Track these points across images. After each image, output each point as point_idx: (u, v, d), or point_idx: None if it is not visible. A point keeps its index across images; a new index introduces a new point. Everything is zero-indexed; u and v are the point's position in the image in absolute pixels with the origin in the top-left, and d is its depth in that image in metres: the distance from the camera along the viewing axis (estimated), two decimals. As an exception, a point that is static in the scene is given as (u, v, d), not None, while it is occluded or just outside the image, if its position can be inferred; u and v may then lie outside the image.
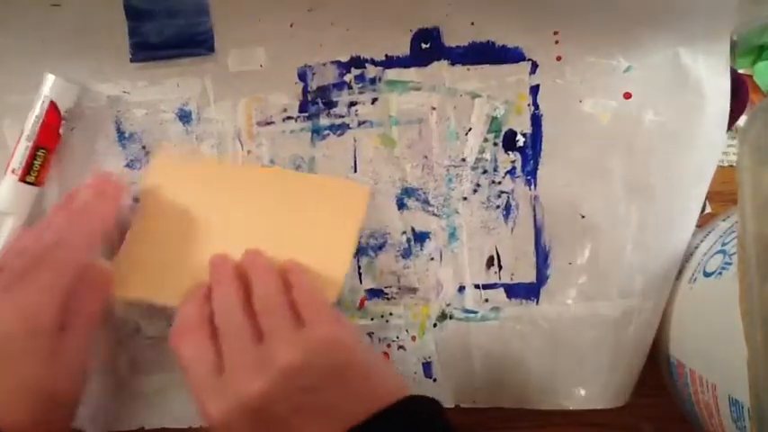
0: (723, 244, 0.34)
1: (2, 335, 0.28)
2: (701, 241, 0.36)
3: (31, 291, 0.29)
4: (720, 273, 0.32)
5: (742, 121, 0.38)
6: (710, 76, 0.36)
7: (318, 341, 0.28)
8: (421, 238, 0.38)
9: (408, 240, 0.38)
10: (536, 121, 0.37)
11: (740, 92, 0.37)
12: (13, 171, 0.36)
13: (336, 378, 0.28)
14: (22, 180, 0.36)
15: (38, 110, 0.35)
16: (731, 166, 0.39)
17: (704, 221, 0.38)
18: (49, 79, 0.36)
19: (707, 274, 0.34)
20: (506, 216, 0.38)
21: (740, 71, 0.39)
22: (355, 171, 0.38)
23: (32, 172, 0.36)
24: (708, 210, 0.40)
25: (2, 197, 0.36)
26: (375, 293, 0.39)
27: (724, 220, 0.36)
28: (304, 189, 0.37)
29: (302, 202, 0.37)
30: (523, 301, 0.38)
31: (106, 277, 0.34)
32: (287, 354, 0.27)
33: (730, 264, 0.32)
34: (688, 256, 0.37)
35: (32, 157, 0.36)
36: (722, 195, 0.39)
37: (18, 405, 0.28)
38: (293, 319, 0.29)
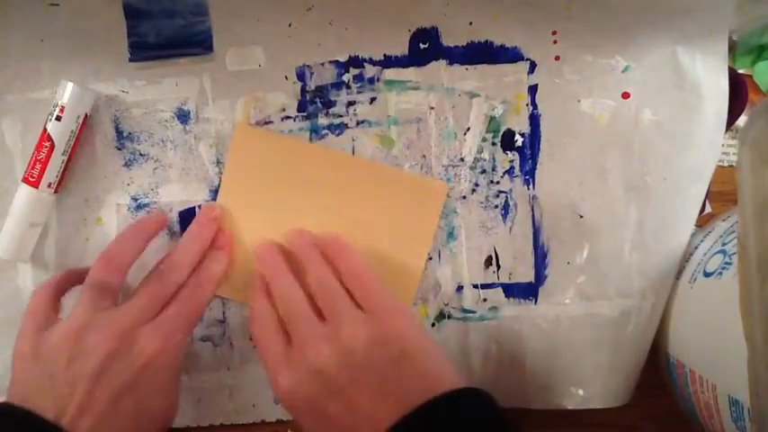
0: (723, 244, 0.34)
1: None
2: (701, 241, 0.36)
3: None
4: (720, 273, 0.32)
5: (742, 121, 0.38)
6: (708, 75, 0.36)
7: (381, 332, 0.31)
8: (419, 237, 0.38)
9: (407, 240, 0.38)
10: (534, 120, 0.37)
11: (740, 92, 0.37)
12: (49, 185, 0.36)
13: (395, 363, 0.30)
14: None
15: (73, 125, 0.35)
16: (731, 166, 0.39)
17: (704, 221, 0.38)
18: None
19: (707, 274, 0.34)
20: (505, 216, 0.38)
21: (740, 71, 0.39)
22: (354, 171, 0.38)
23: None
24: (708, 210, 0.39)
25: (39, 210, 0.36)
26: (373, 293, 0.38)
27: (724, 220, 0.36)
28: (382, 180, 0.37)
29: (380, 192, 0.37)
30: (522, 300, 0.38)
31: None
32: (351, 330, 0.30)
33: (730, 264, 0.31)
34: (688, 256, 0.37)
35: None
36: (722, 195, 0.39)
37: None
38: (352, 299, 0.32)
